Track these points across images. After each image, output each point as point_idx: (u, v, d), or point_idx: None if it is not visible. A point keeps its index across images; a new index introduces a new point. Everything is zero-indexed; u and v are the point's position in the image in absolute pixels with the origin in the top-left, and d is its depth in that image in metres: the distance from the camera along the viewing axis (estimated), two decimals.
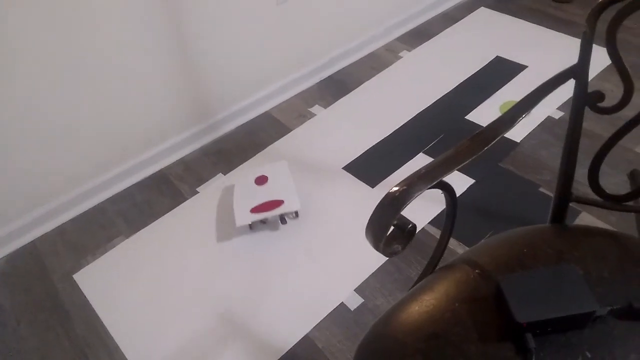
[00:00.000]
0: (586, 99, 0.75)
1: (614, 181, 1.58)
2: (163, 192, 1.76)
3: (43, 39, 1.36)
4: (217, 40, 1.75)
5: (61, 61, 1.43)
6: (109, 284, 1.48)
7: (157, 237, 1.60)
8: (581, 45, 0.74)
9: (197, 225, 1.62)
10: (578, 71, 0.75)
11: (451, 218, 0.77)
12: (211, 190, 1.73)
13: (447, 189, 0.73)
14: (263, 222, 1.59)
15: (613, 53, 0.71)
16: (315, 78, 2.16)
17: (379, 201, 0.67)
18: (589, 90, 0.77)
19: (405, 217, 0.68)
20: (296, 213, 1.59)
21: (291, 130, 1.94)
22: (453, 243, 1.48)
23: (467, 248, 1.45)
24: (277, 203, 1.52)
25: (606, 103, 0.77)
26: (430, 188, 0.70)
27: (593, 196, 0.83)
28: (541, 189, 1.59)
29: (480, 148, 0.73)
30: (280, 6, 1.86)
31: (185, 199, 1.71)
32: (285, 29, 1.93)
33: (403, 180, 0.67)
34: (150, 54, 1.62)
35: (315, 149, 1.83)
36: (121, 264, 1.53)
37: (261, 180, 1.60)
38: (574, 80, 0.77)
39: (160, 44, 1.62)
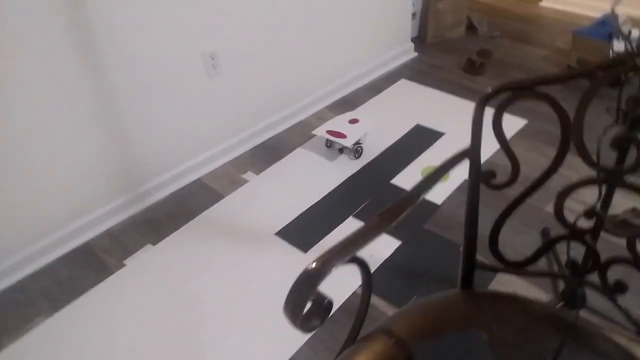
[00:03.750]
0: (480, 177, 0.84)
1: (529, 238, 1.70)
2: (88, 266, 1.70)
3: None
4: (147, 110, 1.78)
5: None
6: None
7: (81, 315, 1.53)
8: (472, 130, 0.84)
9: (124, 300, 1.56)
10: (471, 152, 0.84)
11: (367, 292, 0.81)
12: (139, 263, 1.69)
13: (361, 264, 0.77)
14: (328, 145, 2.16)
15: (499, 137, 0.81)
16: (248, 145, 2.21)
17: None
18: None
19: (321, 292, 0.72)
20: (343, 149, 2.14)
21: (223, 197, 1.96)
22: (382, 305, 1.52)
23: (396, 309, 1.49)
24: (342, 135, 2.03)
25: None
26: (345, 264, 0.74)
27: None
28: (462, 248, 1.68)
29: (389, 222, 0.79)
30: (212, 79, 1.93)
31: (111, 273, 1.66)
32: (217, 100, 2.00)
33: (318, 258, 0.71)
34: (76, 122, 1.61)
35: (248, 216, 1.85)
36: (41, 347, 1.44)
37: (353, 121, 2.12)
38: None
39: (88, 114, 1.63)
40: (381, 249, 1.69)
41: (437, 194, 1.89)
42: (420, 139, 2.18)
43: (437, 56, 2.84)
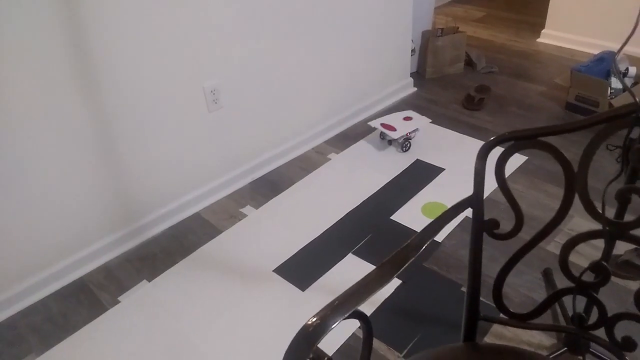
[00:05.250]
0: (483, 226, 0.83)
1: (529, 279, 1.67)
2: (82, 302, 1.66)
3: None
4: (146, 144, 1.77)
5: None
6: None
7: (72, 354, 1.49)
8: (475, 179, 0.83)
9: (117, 338, 1.52)
10: (474, 201, 0.83)
11: (367, 347, 0.79)
12: (134, 300, 1.65)
13: (363, 319, 0.75)
14: (382, 137, 2.41)
15: (503, 187, 0.80)
16: (247, 179, 2.20)
17: (298, 328, 0.68)
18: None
19: (320, 349, 0.69)
20: (393, 141, 2.38)
21: (221, 232, 1.93)
22: (383, 348, 1.48)
23: (396, 353, 1.45)
24: (392, 129, 2.28)
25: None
26: (346, 319, 0.72)
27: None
28: (462, 289, 1.65)
29: (390, 274, 0.77)
30: (212, 113, 1.93)
31: (105, 310, 1.63)
32: (217, 134, 1.99)
33: (317, 313, 0.69)
34: (71, 155, 1.60)
35: (246, 251, 1.83)
36: None
37: (406, 118, 2.37)
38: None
39: (84, 147, 1.62)
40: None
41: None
42: (420, 174, 2.18)
43: (436, 91, 2.86)
